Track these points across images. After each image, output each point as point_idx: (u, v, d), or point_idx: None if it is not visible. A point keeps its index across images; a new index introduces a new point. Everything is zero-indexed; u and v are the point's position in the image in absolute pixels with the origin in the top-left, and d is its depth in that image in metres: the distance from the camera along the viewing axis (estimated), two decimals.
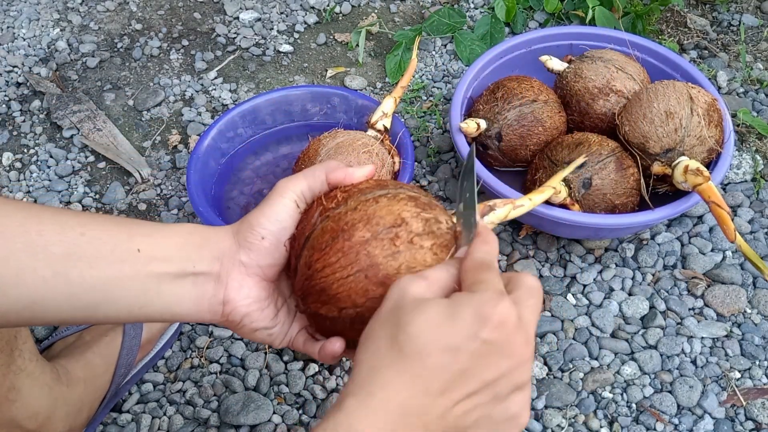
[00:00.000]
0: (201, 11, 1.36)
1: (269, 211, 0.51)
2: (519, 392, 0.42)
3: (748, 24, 1.31)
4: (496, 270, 0.45)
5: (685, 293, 0.94)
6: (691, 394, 0.84)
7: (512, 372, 0.41)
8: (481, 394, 0.40)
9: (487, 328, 0.40)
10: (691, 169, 0.83)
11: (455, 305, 0.41)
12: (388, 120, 0.93)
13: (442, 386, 0.40)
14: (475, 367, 0.40)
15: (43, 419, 0.70)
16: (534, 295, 0.44)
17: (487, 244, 0.47)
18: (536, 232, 0.99)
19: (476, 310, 0.40)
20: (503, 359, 0.40)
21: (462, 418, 0.40)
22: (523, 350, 0.41)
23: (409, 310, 0.41)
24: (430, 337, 0.40)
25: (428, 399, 0.39)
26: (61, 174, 1.10)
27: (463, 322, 0.40)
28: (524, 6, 1.32)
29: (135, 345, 0.82)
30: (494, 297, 0.41)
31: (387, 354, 0.41)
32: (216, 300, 0.51)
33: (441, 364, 0.40)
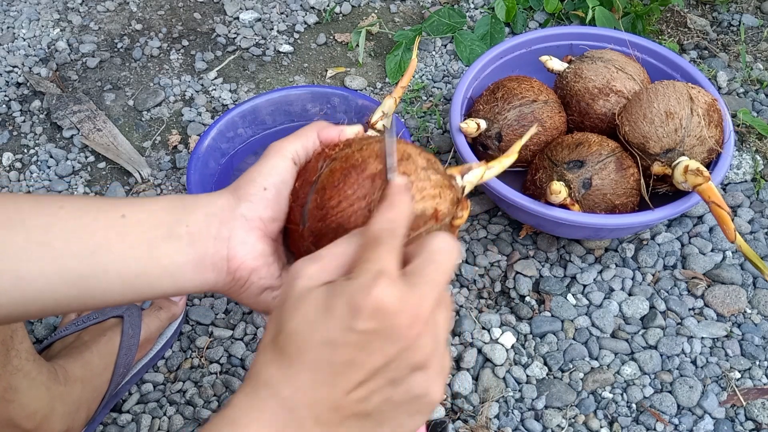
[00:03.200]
0: (201, 11, 1.36)
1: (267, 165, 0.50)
2: (418, 372, 0.39)
3: (748, 24, 1.31)
4: (391, 242, 0.41)
5: (685, 293, 0.94)
6: (691, 394, 0.84)
7: (402, 354, 0.39)
8: (373, 380, 0.39)
9: (360, 318, 0.37)
10: (691, 170, 0.83)
11: (331, 296, 0.39)
12: (388, 120, 0.93)
13: (327, 378, 0.38)
14: (358, 356, 0.38)
15: (41, 419, 0.70)
16: (434, 260, 0.40)
17: (392, 210, 0.43)
18: (536, 232, 0.99)
19: (348, 301, 0.38)
20: (388, 344, 0.38)
21: (360, 405, 0.39)
22: (409, 331, 0.38)
23: (289, 305, 0.40)
24: (306, 333, 0.39)
25: (315, 392, 0.38)
26: (61, 174, 1.10)
27: (336, 314, 0.38)
28: (524, 6, 1.32)
29: (133, 344, 0.82)
30: (368, 283, 0.38)
31: (271, 351, 0.40)
32: (219, 256, 0.48)
33: (321, 358, 0.38)
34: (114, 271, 0.46)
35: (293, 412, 0.38)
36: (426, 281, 0.40)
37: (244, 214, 0.48)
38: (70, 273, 0.45)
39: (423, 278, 0.40)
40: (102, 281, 0.46)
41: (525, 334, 0.90)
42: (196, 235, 0.48)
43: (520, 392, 0.85)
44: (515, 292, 0.94)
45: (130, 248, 0.46)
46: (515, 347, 0.89)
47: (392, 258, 0.41)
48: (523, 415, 0.83)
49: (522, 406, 0.84)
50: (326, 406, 0.38)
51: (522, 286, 0.94)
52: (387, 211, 0.43)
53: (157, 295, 0.48)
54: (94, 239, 0.45)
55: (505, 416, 0.83)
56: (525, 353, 0.88)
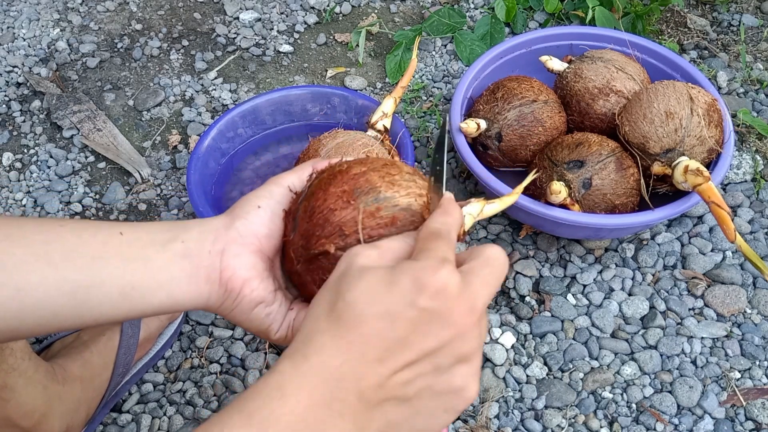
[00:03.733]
0: (201, 11, 1.36)
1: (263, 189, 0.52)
2: (463, 364, 0.40)
3: (748, 24, 1.31)
4: (448, 240, 0.43)
5: (685, 293, 0.94)
6: (691, 394, 0.84)
7: (453, 342, 0.40)
8: (420, 364, 0.39)
9: (424, 295, 0.39)
10: (691, 170, 0.83)
11: (395, 273, 0.40)
12: (388, 120, 0.93)
13: (379, 354, 0.39)
14: (413, 335, 0.39)
15: (38, 417, 0.70)
16: (489, 264, 0.42)
17: (447, 215, 0.45)
18: (536, 232, 0.99)
19: (414, 277, 0.39)
20: (443, 328, 0.39)
21: (402, 389, 0.39)
22: (465, 320, 0.40)
23: (350, 277, 0.41)
24: (367, 303, 0.39)
25: (365, 366, 0.39)
26: (61, 174, 1.10)
27: (400, 289, 0.39)
28: (524, 6, 1.32)
29: (133, 344, 0.82)
30: (434, 264, 0.40)
31: (325, 320, 0.40)
32: (213, 268, 0.49)
33: (377, 330, 0.39)
34: (110, 282, 0.46)
35: (340, 383, 0.38)
36: (481, 281, 0.41)
37: (239, 230, 0.50)
38: (68, 284, 0.45)
39: (479, 278, 0.42)
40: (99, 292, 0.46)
41: (525, 334, 0.90)
42: (191, 249, 0.49)
43: (520, 392, 0.85)
44: (515, 292, 0.94)
45: (126, 261, 0.47)
46: (515, 347, 0.89)
47: (451, 251, 0.42)
48: (523, 415, 0.83)
49: (522, 406, 0.84)
50: (372, 382, 0.39)
51: (522, 286, 0.94)
52: (441, 215, 0.45)
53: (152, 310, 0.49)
54: (92, 252, 0.46)
55: (505, 416, 0.83)
56: (525, 353, 0.88)
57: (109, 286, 0.46)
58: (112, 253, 0.47)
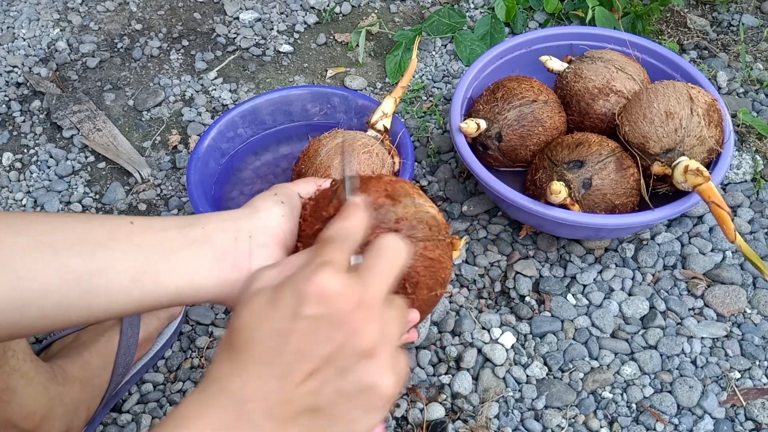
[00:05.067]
0: (201, 11, 1.36)
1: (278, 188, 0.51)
2: (366, 360, 0.39)
3: (748, 24, 1.31)
4: (341, 243, 0.42)
5: (685, 293, 0.94)
6: (691, 394, 0.84)
7: (349, 341, 0.39)
8: (323, 370, 0.39)
9: (305, 303, 0.38)
10: (691, 170, 0.83)
11: (277, 289, 0.40)
12: (388, 120, 0.93)
13: (278, 370, 0.38)
14: (307, 344, 0.38)
15: (39, 419, 0.70)
16: (380, 255, 0.42)
17: (344, 220, 0.45)
18: (536, 232, 0.99)
19: (294, 288, 0.39)
20: (334, 331, 0.38)
21: (311, 399, 0.39)
22: (355, 317, 0.39)
23: (241, 304, 0.41)
24: (254, 325, 0.39)
25: (266, 385, 0.38)
26: (61, 174, 1.10)
27: (282, 303, 0.39)
28: (524, 6, 1.32)
29: (132, 344, 0.82)
30: (312, 270, 0.39)
31: (223, 351, 0.40)
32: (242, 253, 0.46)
33: (270, 348, 0.38)
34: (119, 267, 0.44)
35: (242, 405, 0.38)
36: (372, 272, 0.41)
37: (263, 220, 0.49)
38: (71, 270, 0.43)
39: (369, 270, 0.41)
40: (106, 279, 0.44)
41: (525, 334, 0.90)
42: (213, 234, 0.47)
43: (520, 392, 0.85)
44: (515, 292, 0.94)
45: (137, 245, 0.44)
46: (515, 347, 0.89)
47: (340, 255, 0.42)
48: (523, 415, 0.83)
49: (522, 406, 0.84)
50: (277, 399, 0.38)
51: (522, 286, 0.94)
52: (338, 221, 0.45)
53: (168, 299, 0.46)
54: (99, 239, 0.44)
55: (505, 416, 0.83)
56: (525, 353, 0.88)
57: (118, 271, 0.44)
58: (121, 239, 0.45)
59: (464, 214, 1.02)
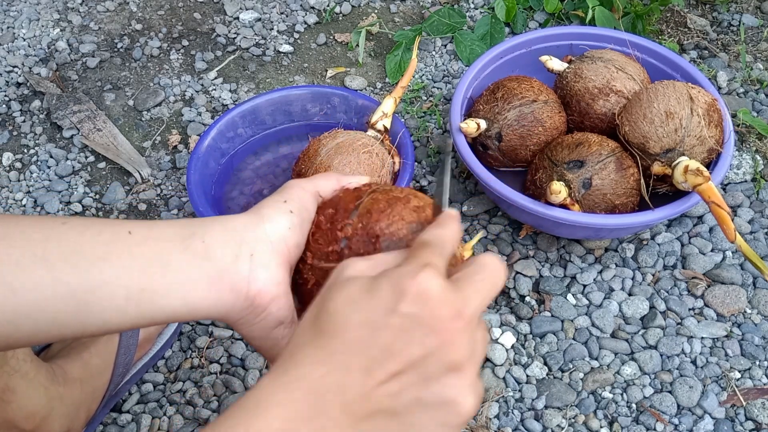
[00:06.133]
0: (201, 11, 1.36)
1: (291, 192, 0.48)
2: (454, 374, 0.38)
3: (748, 24, 1.31)
4: (438, 248, 0.41)
5: (685, 293, 0.94)
6: (691, 394, 0.84)
7: (440, 349, 0.37)
8: (407, 374, 0.37)
9: (405, 300, 0.37)
10: (691, 169, 0.83)
11: (376, 280, 0.39)
12: (388, 120, 0.93)
13: (363, 363, 0.37)
14: (397, 343, 0.37)
15: (40, 420, 0.70)
16: (482, 271, 0.41)
17: (441, 228, 0.44)
18: (536, 232, 0.99)
19: (394, 283, 0.38)
20: (429, 335, 0.37)
21: (389, 401, 0.37)
22: (451, 325, 0.37)
23: (334, 289, 0.39)
24: (348, 312, 0.38)
25: (348, 377, 0.37)
26: (61, 174, 1.10)
27: (380, 295, 0.37)
28: (524, 6, 1.32)
29: (132, 344, 0.82)
30: (415, 269, 0.38)
31: (308, 332, 0.39)
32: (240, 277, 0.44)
33: (360, 339, 0.37)
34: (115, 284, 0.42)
35: (322, 396, 0.37)
36: (472, 288, 0.40)
37: (269, 235, 0.46)
38: (66, 286, 0.42)
39: (469, 284, 0.40)
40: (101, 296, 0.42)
41: (525, 334, 0.90)
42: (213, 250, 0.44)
43: (520, 392, 0.85)
44: (515, 292, 0.94)
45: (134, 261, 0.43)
46: (515, 347, 0.89)
47: (439, 259, 0.40)
48: (523, 415, 0.83)
49: (522, 406, 0.84)
50: (356, 394, 0.37)
51: (522, 286, 0.94)
52: (435, 228, 0.44)
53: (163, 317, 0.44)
54: (95, 252, 0.43)
55: (505, 416, 0.83)
56: (525, 353, 0.88)
57: (114, 288, 0.42)
58: (117, 252, 0.43)
59: (464, 214, 1.02)
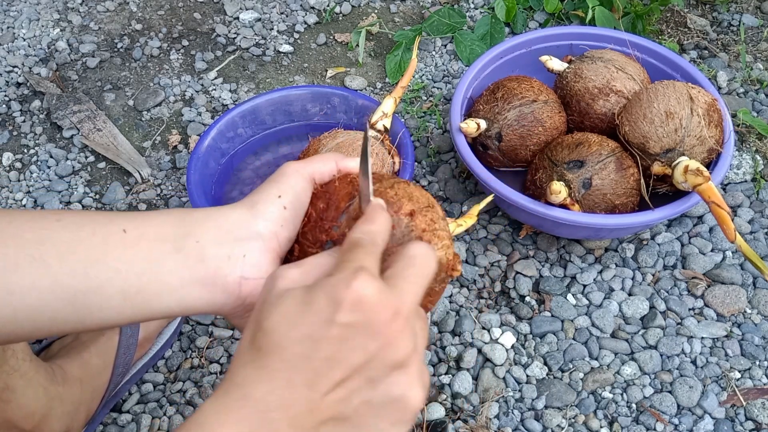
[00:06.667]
0: (201, 11, 1.36)
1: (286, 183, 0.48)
2: (398, 371, 0.38)
3: (748, 24, 1.31)
4: (370, 247, 0.41)
5: (685, 293, 0.94)
6: (691, 394, 0.84)
7: (382, 351, 0.38)
8: (352, 380, 0.37)
9: (341, 310, 0.37)
10: (691, 169, 0.83)
11: (311, 292, 0.38)
12: (388, 120, 0.93)
13: (306, 377, 0.37)
14: (338, 352, 0.37)
15: (39, 419, 0.70)
16: (412, 264, 0.41)
17: (369, 223, 0.43)
18: (536, 232, 0.99)
19: (329, 293, 0.37)
20: (369, 340, 0.37)
21: (337, 408, 0.38)
22: (390, 327, 0.38)
23: (269, 304, 0.39)
24: (285, 329, 0.38)
25: (292, 392, 0.37)
26: (61, 174, 1.10)
27: (316, 307, 0.37)
28: (524, 6, 1.32)
29: (132, 344, 0.82)
30: (348, 276, 0.38)
31: (247, 352, 0.39)
32: (232, 278, 0.45)
33: (300, 354, 0.37)
34: (112, 286, 0.43)
35: (266, 414, 0.37)
36: (406, 283, 0.40)
37: (261, 233, 0.46)
38: (64, 288, 0.42)
39: (402, 280, 0.40)
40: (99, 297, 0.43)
41: (525, 334, 0.90)
42: (207, 250, 0.45)
43: (520, 392, 0.85)
44: (515, 292, 0.94)
45: (130, 263, 0.43)
46: (515, 347, 0.89)
47: (372, 260, 0.40)
48: (523, 415, 0.83)
49: (522, 406, 0.84)
50: (302, 408, 0.37)
51: (522, 286, 0.94)
52: (364, 224, 0.43)
53: (159, 315, 0.45)
54: (91, 253, 0.43)
55: (505, 416, 0.83)
56: (525, 353, 0.88)
57: (111, 290, 0.43)
58: (113, 253, 0.43)
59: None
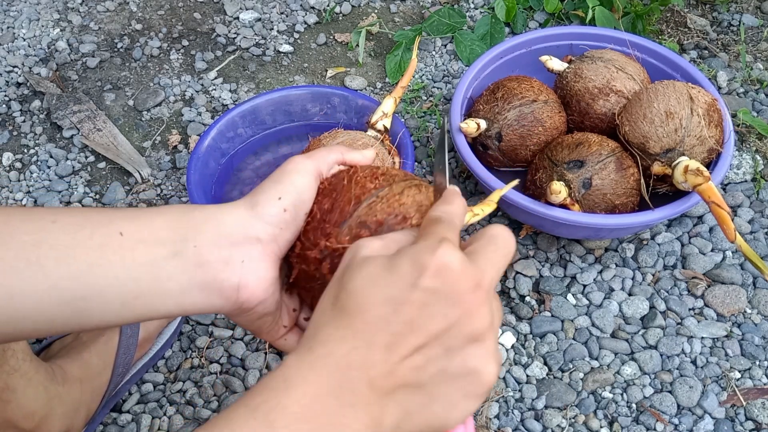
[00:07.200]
0: (201, 11, 1.36)
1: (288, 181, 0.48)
2: (475, 344, 0.39)
3: (748, 24, 1.31)
4: (450, 224, 0.42)
5: (685, 293, 0.94)
6: (691, 394, 0.84)
7: (462, 321, 0.38)
8: (430, 347, 0.38)
9: (425, 275, 0.38)
10: (691, 169, 0.83)
11: (395, 258, 0.39)
12: (388, 120, 0.93)
13: (386, 339, 0.38)
14: (419, 317, 0.38)
15: (39, 419, 0.70)
16: (493, 242, 0.41)
17: (448, 204, 0.44)
18: (536, 232, 0.99)
19: (414, 259, 0.38)
20: (450, 308, 0.38)
21: (415, 375, 0.38)
22: (471, 297, 0.38)
23: (353, 268, 0.40)
24: (369, 290, 0.38)
25: (372, 353, 0.37)
26: (61, 174, 1.10)
27: (401, 271, 0.38)
28: (524, 6, 1.32)
29: (132, 344, 0.82)
30: (433, 244, 0.39)
31: (330, 312, 0.39)
32: (229, 284, 0.45)
33: (382, 316, 0.38)
34: (111, 292, 0.43)
35: (348, 372, 0.37)
36: (487, 259, 0.40)
37: (260, 237, 0.46)
38: (62, 293, 0.42)
39: (483, 256, 0.41)
40: (98, 302, 0.43)
41: (525, 334, 0.90)
42: (205, 255, 0.45)
43: (520, 392, 0.85)
44: (515, 292, 0.94)
45: (128, 268, 0.43)
46: (515, 347, 0.89)
47: (453, 234, 0.41)
48: (523, 415, 0.83)
49: (522, 406, 0.84)
50: (381, 370, 0.38)
51: (522, 286, 0.94)
52: (443, 205, 0.44)
53: (158, 317, 0.46)
54: (88, 257, 0.43)
55: (505, 416, 0.83)
56: (525, 353, 0.88)
57: (109, 295, 0.43)
58: (111, 258, 0.43)
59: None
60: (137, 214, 0.46)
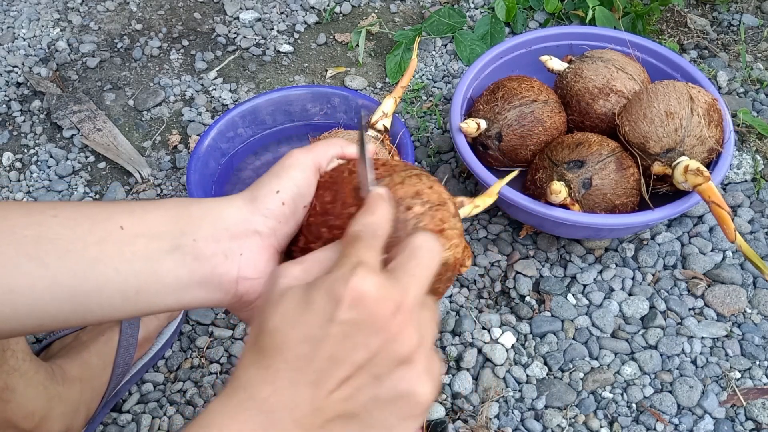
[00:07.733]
0: (201, 11, 1.36)
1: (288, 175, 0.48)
2: (404, 366, 0.38)
3: (748, 24, 1.31)
4: (370, 240, 0.40)
5: (685, 293, 0.94)
6: (691, 394, 0.84)
7: (386, 347, 0.37)
8: (357, 377, 0.37)
9: (340, 308, 0.36)
10: (692, 169, 0.83)
11: (310, 290, 0.38)
12: (388, 120, 0.93)
13: (310, 377, 0.37)
14: (341, 350, 0.37)
15: (39, 419, 0.70)
16: (416, 255, 0.40)
17: (370, 215, 0.42)
18: (536, 232, 0.99)
19: (328, 291, 0.37)
20: (371, 336, 0.37)
21: (345, 406, 0.37)
22: (393, 322, 0.37)
23: (270, 304, 0.39)
24: (286, 330, 0.37)
25: (297, 393, 0.37)
26: (61, 174, 1.10)
27: (316, 307, 0.37)
28: (524, 6, 1.32)
29: (132, 344, 0.82)
30: (346, 273, 0.37)
31: (251, 353, 0.39)
32: (228, 277, 0.45)
33: (302, 355, 0.37)
34: (112, 287, 0.43)
35: (271, 415, 0.37)
36: (408, 275, 0.39)
37: (259, 230, 0.46)
38: (64, 289, 0.42)
39: (405, 272, 0.39)
40: (99, 297, 0.43)
41: (525, 334, 0.90)
42: (204, 249, 0.45)
43: (520, 392, 0.85)
44: (515, 292, 0.94)
45: (129, 263, 0.43)
46: (515, 347, 0.89)
47: (371, 254, 0.40)
48: (523, 415, 0.83)
49: (522, 406, 0.84)
50: (307, 408, 0.37)
51: (522, 286, 0.94)
52: (364, 216, 0.42)
53: (159, 311, 0.46)
54: (89, 253, 0.43)
55: (505, 416, 0.83)
56: (525, 353, 0.88)
57: (110, 290, 0.43)
58: (111, 253, 0.43)
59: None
60: (137, 206, 0.46)
